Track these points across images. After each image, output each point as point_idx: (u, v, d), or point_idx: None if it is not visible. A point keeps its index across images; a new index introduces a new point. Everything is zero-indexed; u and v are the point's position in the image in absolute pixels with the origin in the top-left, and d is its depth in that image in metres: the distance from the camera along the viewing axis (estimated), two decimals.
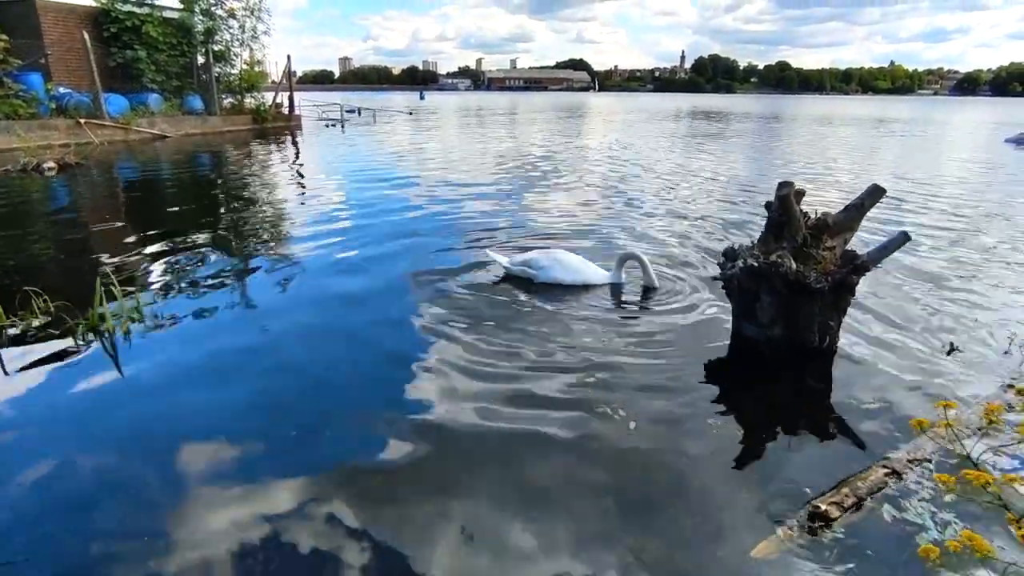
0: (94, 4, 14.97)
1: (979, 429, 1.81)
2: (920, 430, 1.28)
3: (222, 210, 6.74)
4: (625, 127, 22.70)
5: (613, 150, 13.72)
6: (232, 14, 17.59)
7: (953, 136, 20.03)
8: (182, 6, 16.73)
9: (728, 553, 1.66)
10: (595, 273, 4.00)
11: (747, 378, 2.85)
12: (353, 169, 9.92)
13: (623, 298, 3.78)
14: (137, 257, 4.65)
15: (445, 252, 4.78)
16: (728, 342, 3.12)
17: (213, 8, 17.19)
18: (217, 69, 17.54)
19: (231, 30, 17.80)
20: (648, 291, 3.83)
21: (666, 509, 1.86)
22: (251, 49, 18.42)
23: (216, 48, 17.49)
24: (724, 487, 1.96)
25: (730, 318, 3.23)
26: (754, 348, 3.02)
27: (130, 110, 14.38)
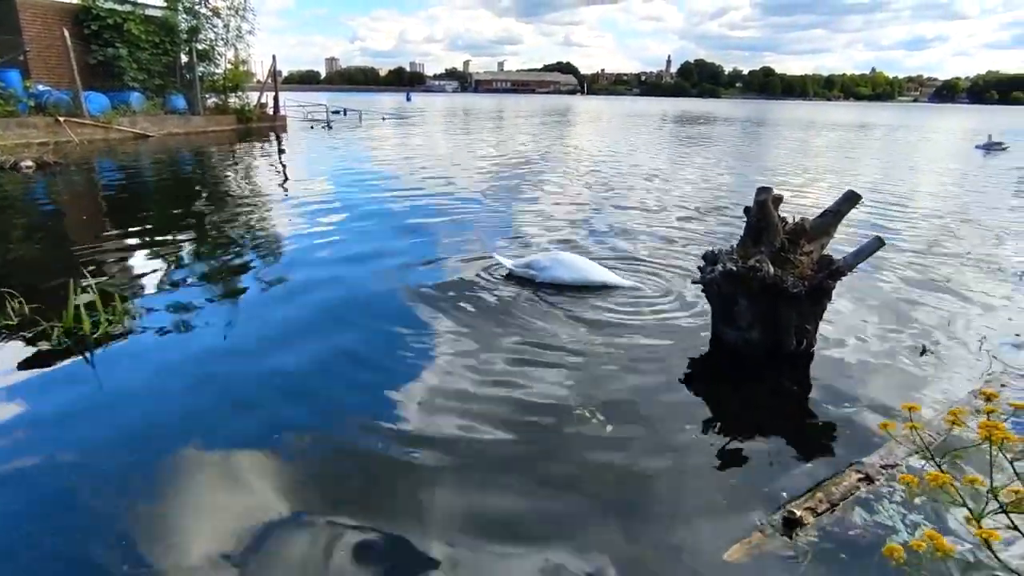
0: (75, 1, 14.75)
1: (947, 431, 1.85)
2: (887, 433, 1.31)
3: (204, 211, 6.67)
4: (613, 130, 22.83)
5: (601, 153, 13.79)
6: (216, 13, 17.43)
7: (929, 143, 20.39)
8: (165, 4, 16.54)
9: (702, 556, 1.68)
10: (594, 273, 4.04)
11: (725, 381, 2.89)
12: (339, 170, 9.87)
13: (611, 298, 3.80)
14: (116, 258, 4.59)
15: (432, 254, 4.77)
16: (707, 346, 3.15)
17: (197, 7, 17.03)
18: (201, 68, 17.34)
19: (215, 29, 17.63)
20: (635, 291, 3.89)
21: (640, 512, 1.87)
22: (236, 48, 18.27)
23: (200, 47, 17.30)
24: (699, 490, 1.98)
25: (710, 322, 3.26)
26: (732, 351, 3.06)
27: (111, 109, 14.17)
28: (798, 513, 1.74)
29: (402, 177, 9.09)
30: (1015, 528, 1.03)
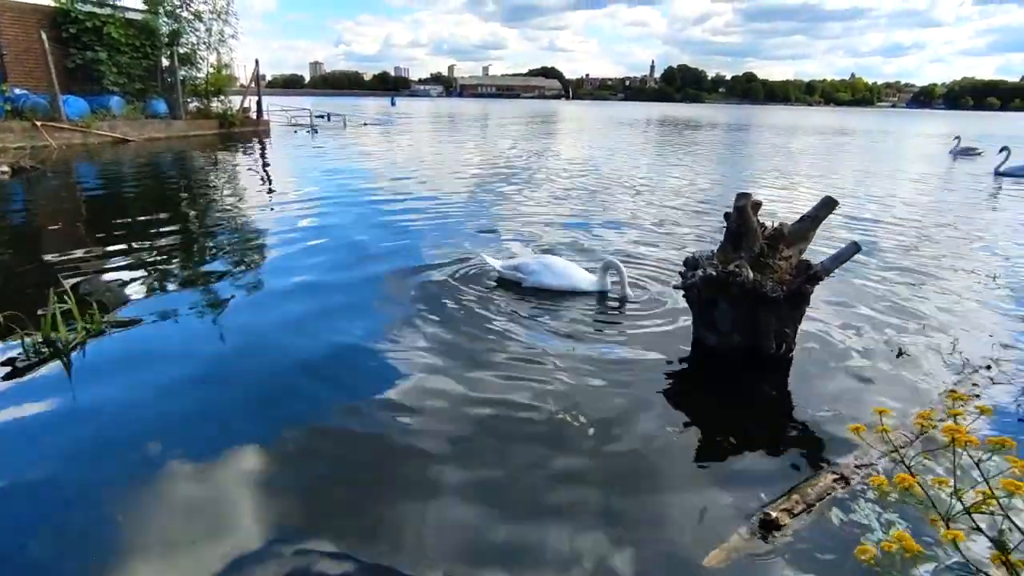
0: (53, 4, 14.55)
1: (920, 433, 1.89)
2: (858, 436, 1.34)
3: (185, 216, 6.60)
4: (598, 135, 22.97)
5: (586, 157, 13.87)
6: (198, 16, 17.29)
7: (906, 148, 20.78)
8: (146, 7, 16.38)
9: (682, 563, 1.70)
10: (582, 279, 4.05)
11: (706, 386, 2.92)
12: (323, 175, 9.82)
13: (597, 305, 3.82)
14: (94, 265, 4.52)
15: (416, 258, 4.76)
16: (689, 350, 3.18)
17: (178, 10, 16.89)
18: (182, 72, 17.19)
19: (197, 33, 17.49)
20: (622, 301, 3.89)
21: (620, 517, 1.88)
22: (218, 52, 18.14)
23: (181, 51, 17.14)
24: (678, 495, 2.00)
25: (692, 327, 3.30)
26: (714, 356, 3.09)
27: (90, 113, 13.99)
28: (774, 515, 1.77)
29: (387, 182, 9.07)
30: (978, 529, 1.06)
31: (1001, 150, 11.82)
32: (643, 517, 1.88)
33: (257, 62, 19.99)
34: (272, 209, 6.96)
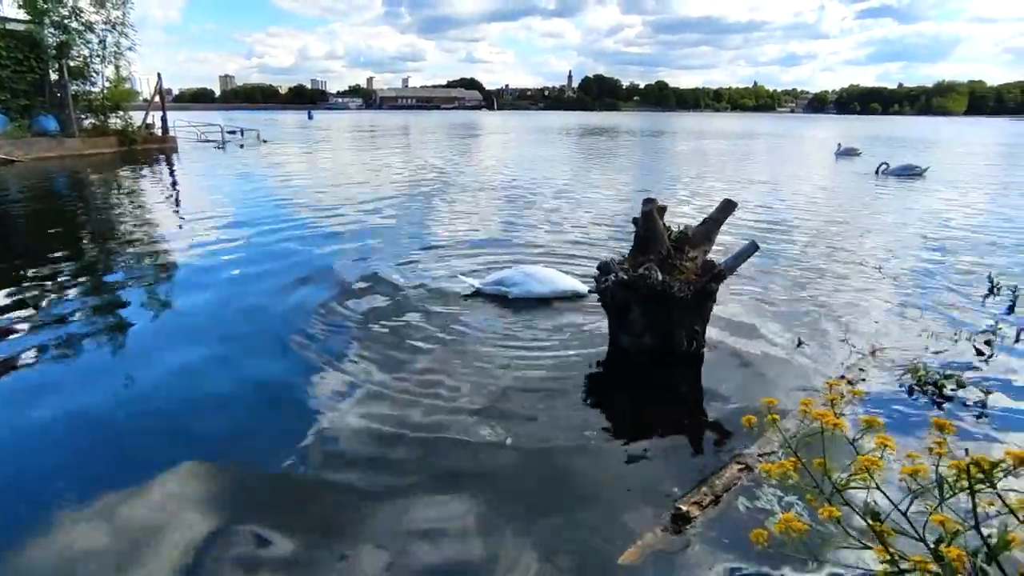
0: None
1: (803, 420, 2.03)
2: (749, 427, 1.42)
3: (83, 240, 6.14)
4: (521, 144, 23.27)
5: (511, 167, 14.02)
6: (90, 27, 16.17)
7: (800, 150, 22.35)
8: (29, 17, 15.13)
9: (597, 564, 1.74)
10: (567, 283, 4.14)
11: (622, 387, 3.00)
12: (236, 193, 9.42)
13: (520, 312, 3.86)
14: None
15: (336, 279, 4.64)
16: (606, 353, 3.27)
17: (67, 21, 15.71)
18: (74, 87, 16.03)
19: (90, 45, 16.36)
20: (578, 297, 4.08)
21: (535, 522, 1.90)
22: (115, 65, 17.03)
23: (72, 64, 15.99)
24: (593, 497, 2.05)
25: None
26: (629, 356, 3.19)
27: None
28: (684, 508, 1.84)
29: (303, 199, 8.81)
30: (847, 505, 1.15)
31: (880, 165, 12.95)
32: (560, 521, 1.91)
33: (160, 75, 18.89)
34: (179, 231, 6.61)
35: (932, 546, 1.07)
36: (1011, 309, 4.03)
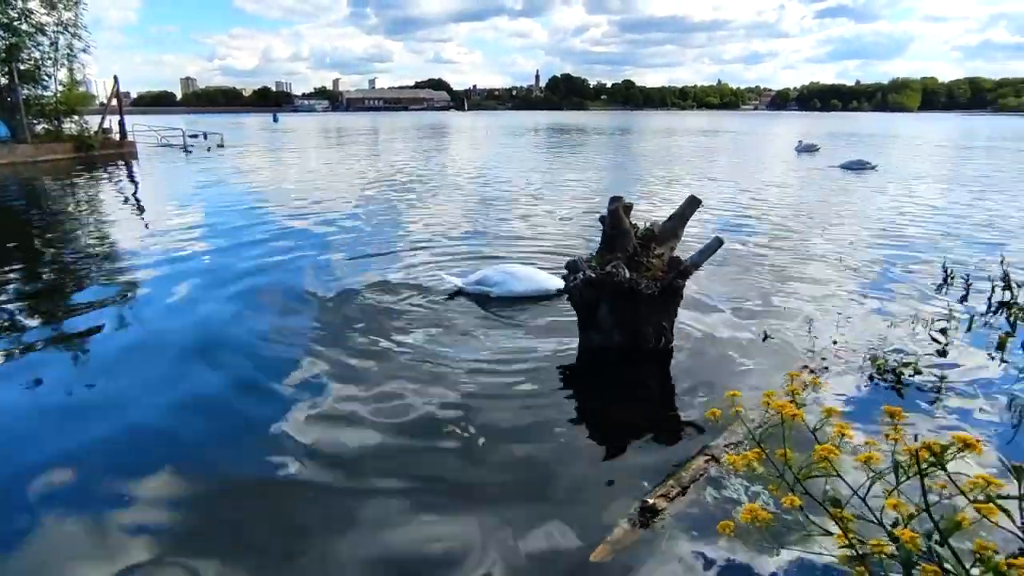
0: None
1: (766, 411, 2.08)
2: (714, 420, 1.44)
3: (38, 250, 5.92)
4: (492, 144, 23.25)
5: (483, 166, 13.98)
6: (41, 29, 15.64)
7: (763, 146, 22.84)
8: None
9: (569, 561, 1.74)
10: (548, 281, 4.16)
11: (591, 384, 3.02)
12: (199, 198, 9.21)
13: (489, 312, 3.85)
14: None
15: (307, 282, 4.57)
16: (576, 352, 3.29)
17: (16, 23, 15.15)
18: (25, 91, 15.46)
19: (41, 47, 15.82)
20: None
21: (508, 523, 1.90)
22: (68, 68, 16.49)
23: (22, 67, 15.42)
24: (564, 496, 2.06)
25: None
26: (598, 353, 3.21)
27: None
28: (651, 501, 1.86)
29: (270, 203, 8.65)
30: (807, 493, 1.18)
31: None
32: (529, 519, 1.91)
33: (116, 78, 18.35)
34: (139, 239, 6.42)
35: (889, 529, 1.11)
36: (964, 298, 4.18)
